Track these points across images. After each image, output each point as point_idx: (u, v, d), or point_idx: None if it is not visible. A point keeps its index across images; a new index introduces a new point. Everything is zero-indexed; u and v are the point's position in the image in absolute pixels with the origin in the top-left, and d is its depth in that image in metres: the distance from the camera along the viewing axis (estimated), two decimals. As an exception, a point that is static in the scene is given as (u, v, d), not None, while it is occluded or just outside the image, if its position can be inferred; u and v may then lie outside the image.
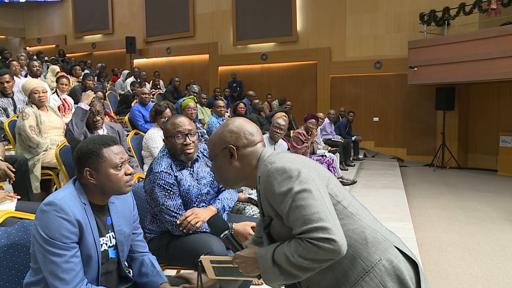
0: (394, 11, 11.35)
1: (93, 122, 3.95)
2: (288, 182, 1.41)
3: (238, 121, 1.66)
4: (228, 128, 1.64)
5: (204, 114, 7.66)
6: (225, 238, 1.63)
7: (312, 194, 1.38)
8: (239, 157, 1.61)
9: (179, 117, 2.71)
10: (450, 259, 4.45)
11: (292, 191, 1.39)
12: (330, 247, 1.31)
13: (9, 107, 5.12)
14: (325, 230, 1.32)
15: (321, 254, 1.32)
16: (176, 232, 2.54)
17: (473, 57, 8.83)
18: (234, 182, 1.67)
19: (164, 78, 13.01)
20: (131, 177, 1.85)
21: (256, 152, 1.62)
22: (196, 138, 2.67)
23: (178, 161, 2.64)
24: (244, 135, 1.62)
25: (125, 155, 1.86)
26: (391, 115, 11.62)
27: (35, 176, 4.07)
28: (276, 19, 12.96)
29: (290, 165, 1.45)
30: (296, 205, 1.37)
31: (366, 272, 1.45)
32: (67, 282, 1.67)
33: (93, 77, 8.16)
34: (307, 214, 1.35)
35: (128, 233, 1.97)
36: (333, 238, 1.31)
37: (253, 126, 1.66)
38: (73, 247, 1.69)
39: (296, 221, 1.37)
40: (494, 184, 8.36)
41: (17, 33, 18.92)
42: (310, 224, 1.33)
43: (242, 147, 1.62)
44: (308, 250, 1.33)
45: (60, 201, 1.69)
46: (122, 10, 16.16)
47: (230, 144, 1.61)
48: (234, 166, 1.62)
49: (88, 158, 1.78)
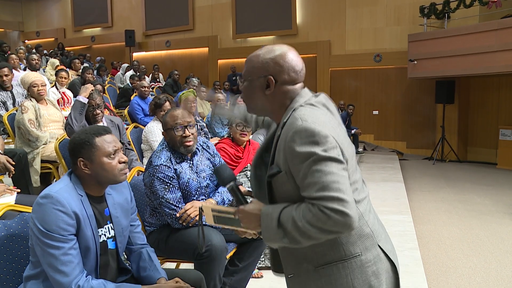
0: (394, 4, 11.31)
1: (93, 115, 3.94)
2: (314, 146, 1.32)
3: (287, 53, 1.49)
4: (274, 57, 1.48)
5: (204, 107, 7.64)
6: (231, 189, 1.55)
7: (335, 164, 1.31)
8: (274, 91, 1.48)
9: (178, 109, 2.72)
10: (449, 252, 4.47)
11: (316, 154, 1.30)
12: (341, 220, 1.26)
13: (8, 101, 5.11)
14: (341, 202, 1.26)
15: (330, 225, 1.27)
16: (176, 225, 2.54)
17: (473, 50, 8.80)
18: (258, 110, 1.58)
19: (163, 71, 12.98)
20: (125, 165, 1.84)
21: (293, 92, 1.50)
22: (195, 130, 2.67)
23: (178, 154, 2.64)
24: (288, 71, 1.48)
25: (118, 143, 1.86)
26: (391, 109, 11.61)
27: (35, 169, 4.07)
28: (275, 12, 12.92)
29: (321, 129, 1.34)
30: (317, 169, 1.30)
31: (342, 260, 1.42)
32: (66, 274, 1.67)
33: (93, 70, 8.14)
34: (327, 181, 1.28)
35: (126, 224, 1.97)
36: (347, 212, 1.25)
37: (300, 62, 1.52)
38: (71, 239, 1.70)
39: (313, 185, 1.30)
40: (493, 178, 8.37)
41: (16, 26, 18.85)
42: (328, 191, 1.27)
43: (282, 83, 1.48)
44: (318, 218, 1.27)
45: (56, 194, 1.69)
46: (121, 3, 16.09)
47: (271, 75, 1.47)
48: (265, 97, 1.50)
49: (81, 148, 1.79)
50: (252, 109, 1.58)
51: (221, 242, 2.45)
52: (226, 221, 1.57)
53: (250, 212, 1.45)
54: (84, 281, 1.71)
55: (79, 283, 1.69)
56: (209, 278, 2.38)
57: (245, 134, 3.65)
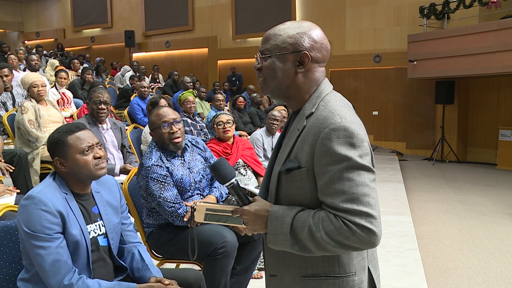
0: (393, 4, 11.30)
1: (98, 110, 3.79)
2: (351, 149, 1.20)
3: (318, 29, 1.37)
4: (308, 32, 1.33)
5: (203, 108, 7.65)
6: (231, 187, 1.36)
7: (368, 175, 1.22)
8: (307, 70, 1.34)
9: (162, 107, 2.73)
10: (449, 253, 4.47)
11: (351, 160, 1.19)
12: (366, 238, 1.17)
13: (8, 101, 5.12)
14: (369, 218, 1.16)
15: (352, 241, 1.17)
16: (178, 223, 2.54)
17: (473, 51, 8.80)
18: (276, 92, 1.39)
19: (163, 72, 12.98)
20: (100, 160, 1.84)
21: (320, 76, 1.37)
22: (182, 126, 2.69)
23: (168, 152, 2.66)
24: (321, 48, 1.35)
25: (93, 139, 1.85)
26: (391, 109, 11.61)
27: (35, 170, 4.08)
28: (275, 12, 12.91)
29: (359, 132, 1.23)
30: (349, 177, 1.19)
31: (334, 277, 1.30)
32: (55, 274, 1.68)
33: (92, 71, 8.14)
34: (357, 193, 1.18)
35: (117, 222, 1.98)
36: (374, 230, 1.16)
37: (328, 44, 1.40)
38: (57, 237, 1.70)
39: (341, 194, 1.18)
40: (493, 178, 8.37)
41: (16, 26, 18.84)
42: (357, 205, 1.17)
43: (315, 61, 1.35)
44: (340, 231, 1.17)
45: (38, 194, 1.70)
46: (121, 4, 16.08)
47: (306, 51, 1.32)
48: (294, 76, 1.33)
49: (55, 147, 1.80)
50: (271, 90, 1.38)
51: (234, 238, 2.47)
52: (220, 218, 1.42)
53: (256, 213, 1.31)
54: (76, 279, 1.71)
55: (72, 280, 1.70)
56: (221, 275, 2.40)
57: (228, 130, 3.72)
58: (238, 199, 1.37)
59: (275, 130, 4.79)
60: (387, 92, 11.59)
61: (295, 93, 1.36)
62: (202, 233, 2.48)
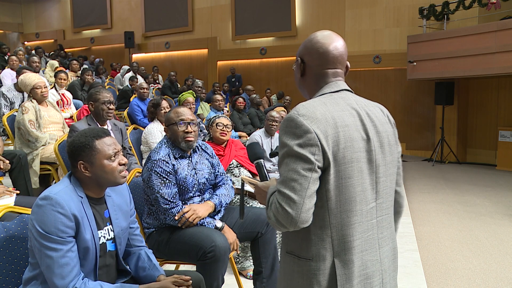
0: (393, 5, 11.32)
1: (108, 110, 3.69)
2: (291, 138, 1.36)
3: (318, 35, 1.55)
4: (308, 39, 1.56)
5: (203, 108, 7.64)
6: (257, 164, 1.70)
7: (302, 163, 1.33)
8: (306, 74, 1.56)
9: (182, 107, 2.80)
10: (448, 254, 4.47)
11: (289, 147, 1.35)
12: (285, 218, 1.33)
13: (16, 101, 5.15)
14: (288, 201, 1.32)
15: (279, 218, 1.34)
16: (169, 221, 2.56)
17: (472, 52, 8.81)
18: (300, 89, 1.64)
19: (163, 73, 12.99)
20: (125, 167, 1.86)
21: (325, 79, 1.53)
22: (197, 129, 2.74)
23: (177, 150, 2.68)
24: (311, 52, 1.53)
25: (118, 145, 1.88)
26: (390, 110, 11.31)
27: (34, 171, 4.08)
28: (275, 13, 12.92)
29: (306, 123, 1.35)
30: (285, 162, 1.36)
31: (299, 258, 1.44)
32: (62, 277, 1.67)
33: (92, 72, 8.15)
34: (287, 176, 1.34)
35: (126, 226, 1.98)
36: (290, 212, 1.31)
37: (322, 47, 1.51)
38: (69, 241, 1.70)
39: (280, 174, 1.38)
40: (493, 179, 8.37)
41: (15, 27, 18.86)
42: (283, 187, 1.34)
43: (310, 65, 1.54)
44: (275, 207, 1.35)
45: (56, 195, 1.69)
46: (120, 5, 16.10)
47: (300, 57, 1.57)
48: (300, 80, 1.59)
49: (81, 151, 1.80)
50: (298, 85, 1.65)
51: (225, 242, 2.47)
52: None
53: (262, 189, 1.56)
54: (80, 284, 1.71)
55: (76, 285, 1.69)
56: (212, 278, 2.39)
57: (225, 134, 3.73)
58: (260, 175, 1.70)
59: (274, 131, 4.79)
60: (386, 93, 11.60)
61: (305, 94, 1.61)
62: (192, 236, 2.50)
